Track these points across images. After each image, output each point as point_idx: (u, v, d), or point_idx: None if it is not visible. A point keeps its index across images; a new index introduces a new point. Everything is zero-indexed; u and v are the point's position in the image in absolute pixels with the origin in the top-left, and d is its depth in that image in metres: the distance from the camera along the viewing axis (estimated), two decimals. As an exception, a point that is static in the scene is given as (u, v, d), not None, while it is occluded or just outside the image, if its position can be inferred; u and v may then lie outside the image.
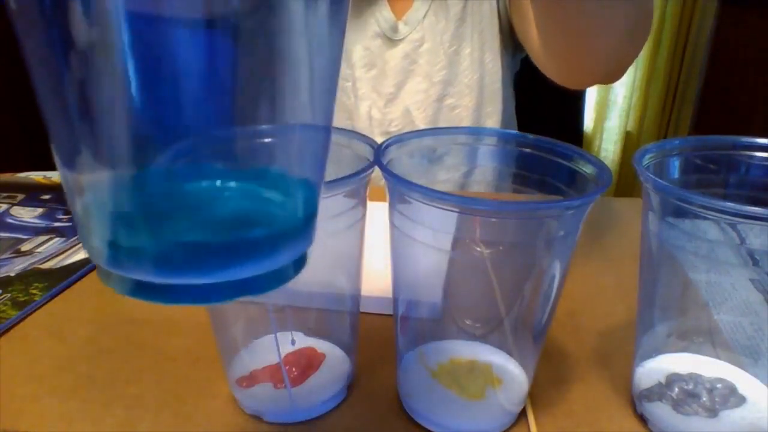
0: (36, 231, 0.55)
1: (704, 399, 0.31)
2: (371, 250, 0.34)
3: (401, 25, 0.72)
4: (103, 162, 0.17)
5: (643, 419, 0.33)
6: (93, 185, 0.18)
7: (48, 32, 0.15)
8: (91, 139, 0.17)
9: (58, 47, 0.15)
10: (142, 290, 0.19)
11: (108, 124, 0.16)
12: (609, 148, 1.96)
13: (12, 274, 0.47)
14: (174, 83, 0.16)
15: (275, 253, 0.19)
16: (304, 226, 0.20)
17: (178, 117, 0.17)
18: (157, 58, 0.15)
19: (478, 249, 0.28)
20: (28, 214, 0.59)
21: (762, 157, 0.32)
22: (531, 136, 0.32)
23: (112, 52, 0.15)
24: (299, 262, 0.21)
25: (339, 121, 0.76)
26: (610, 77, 0.55)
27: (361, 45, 0.72)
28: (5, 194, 0.63)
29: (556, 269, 0.29)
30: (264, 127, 0.18)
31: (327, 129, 0.20)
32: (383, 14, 0.72)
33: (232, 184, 0.19)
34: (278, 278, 0.20)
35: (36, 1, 0.15)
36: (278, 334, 0.34)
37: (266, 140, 0.18)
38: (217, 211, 0.19)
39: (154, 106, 0.16)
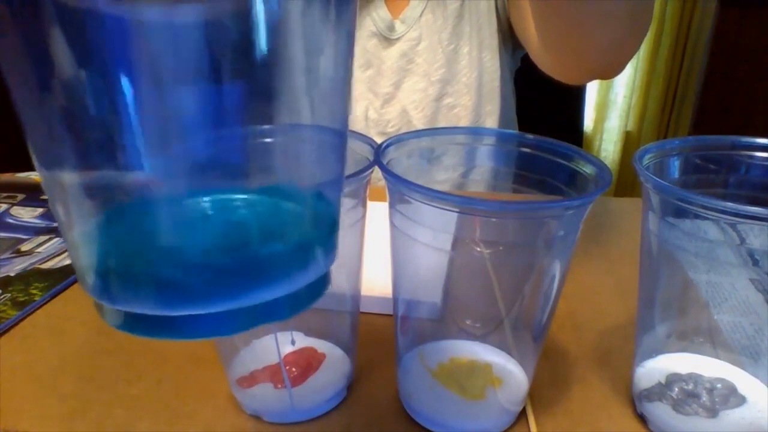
0: (36, 231, 0.55)
1: (704, 399, 0.31)
2: (371, 250, 0.34)
3: (398, 24, 0.72)
4: (91, 178, 0.15)
5: (643, 419, 0.33)
6: (81, 204, 0.16)
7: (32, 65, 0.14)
8: (79, 155, 0.15)
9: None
10: (139, 324, 0.16)
11: (99, 140, 0.15)
12: (609, 148, 1.96)
13: (12, 274, 0.47)
14: (169, 94, 0.15)
15: (295, 271, 0.17)
16: (325, 240, 0.18)
17: (176, 128, 0.15)
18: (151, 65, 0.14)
19: (478, 249, 0.28)
20: (28, 214, 0.59)
21: (762, 157, 0.32)
22: (531, 136, 0.32)
23: (103, 62, 0.14)
24: (321, 282, 0.18)
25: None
26: (608, 72, 0.55)
27: (356, 44, 0.72)
28: (5, 194, 0.63)
29: (556, 269, 0.29)
30: (271, 137, 0.16)
31: (340, 141, 0.18)
32: (379, 13, 0.72)
33: (240, 199, 0.17)
34: (299, 302, 0.17)
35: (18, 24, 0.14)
36: (278, 334, 0.34)
37: (273, 152, 0.17)
38: (226, 227, 0.17)
39: (146, 116, 0.14)
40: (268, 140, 0.16)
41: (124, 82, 0.14)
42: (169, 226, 0.16)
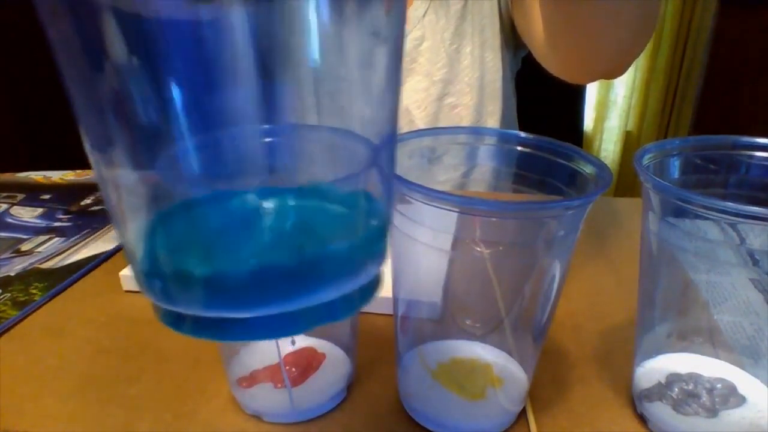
0: (36, 231, 0.55)
1: (704, 399, 0.31)
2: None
3: None
4: (143, 172, 0.15)
5: (643, 419, 0.33)
6: (137, 203, 0.16)
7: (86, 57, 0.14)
8: (132, 151, 0.15)
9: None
10: (196, 325, 0.16)
11: (150, 143, 0.15)
12: (609, 148, 1.96)
13: (12, 274, 0.47)
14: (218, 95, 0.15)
15: (350, 273, 0.17)
16: (377, 241, 0.18)
17: (227, 130, 0.15)
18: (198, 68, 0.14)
19: (478, 249, 0.28)
20: (28, 214, 0.59)
21: (762, 157, 0.32)
22: (531, 136, 0.32)
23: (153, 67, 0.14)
24: (373, 283, 0.18)
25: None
26: (614, 72, 0.55)
27: None
28: (5, 194, 0.63)
29: (556, 269, 0.29)
30: (320, 138, 0.16)
31: (390, 143, 0.18)
32: None
33: (294, 201, 0.17)
34: (352, 303, 0.17)
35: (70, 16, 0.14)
36: (278, 334, 0.34)
37: (323, 153, 0.17)
38: (280, 229, 0.16)
39: (198, 114, 0.15)
40: (317, 140, 0.17)
41: (176, 73, 0.14)
42: (223, 228, 0.16)
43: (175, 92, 0.14)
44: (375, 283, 0.19)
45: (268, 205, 0.16)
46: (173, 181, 0.16)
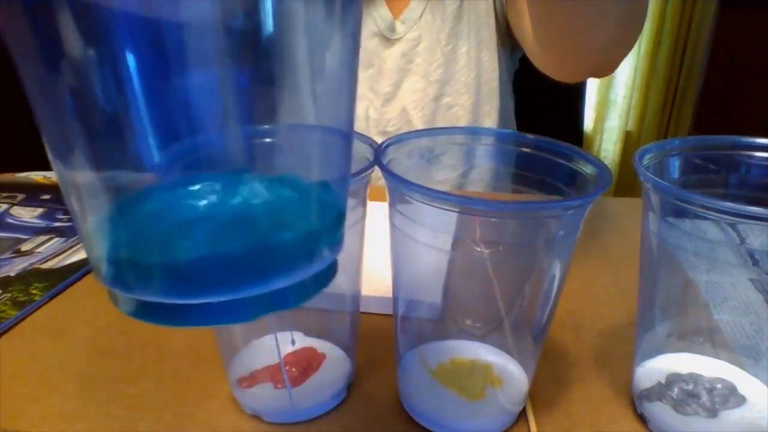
0: (36, 231, 0.55)
1: (704, 399, 0.31)
2: (371, 250, 0.34)
3: (398, 24, 0.72)
4: (104, 168, 0.16)
5: (643, 419, 0.33)
6: (94, 194, 0.16)
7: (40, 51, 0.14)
8: (90, 147, 0.16)
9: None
10: (151, 312, 0.16)
11: (109, 132, 0.15)
12: (609, 148, 1.96)
13: (12, 274, 0.47)
14: (176, 86, 0.15)
15: (303, 260, 0.17)
16: (332, 230, 0.18)
17: (184, 120, 0.15)
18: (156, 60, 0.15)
19: (478, 249, 0.28)
20: (28, 214, 0.59)
21: (762, 157, 0.32)
22: (530, 136, 0.32)
23: (110, 58, 0.14)
24: (328, 272, 0.19)
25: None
26: (602, 70, 0.55)
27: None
28: (5, 194, 0.63)
29: (556, 269, 0.29)
30: (279, 130, 0.17)
31: (346, 135, 0.19)
32: (380, 13, 0.72)
33: (248, 189, 0.17)
34: (305, 291, 0.18)
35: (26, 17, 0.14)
36: (278, 334, 0.34)
37: (281, 144, 0.17)
38: (234, 217, 0.17)
39: (157, 109, 0.15)
40: (276, 132, 0.17)
41: (133, 69, 0.14)
42: (179, 216, 0.16)
43: (133, 84, 0.14)
44: (330, 271, 0.19)
45: (222, 192, 0.17)
46: (129, 172, 0.16)
